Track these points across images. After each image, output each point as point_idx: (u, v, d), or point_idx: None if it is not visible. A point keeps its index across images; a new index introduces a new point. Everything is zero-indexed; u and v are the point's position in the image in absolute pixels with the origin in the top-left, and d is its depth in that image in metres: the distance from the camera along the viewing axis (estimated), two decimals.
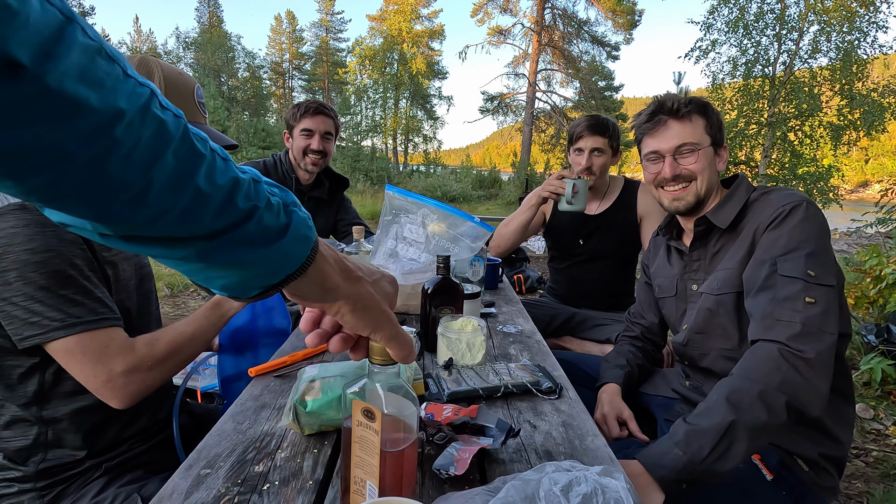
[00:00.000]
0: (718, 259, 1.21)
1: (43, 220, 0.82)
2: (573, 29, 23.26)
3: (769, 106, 10.48)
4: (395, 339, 0.49)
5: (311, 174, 2.04)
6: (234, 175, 0.36)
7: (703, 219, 1.21)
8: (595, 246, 2.09)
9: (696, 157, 1.21)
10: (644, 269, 1.52)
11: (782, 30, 10.29)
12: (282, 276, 0.40)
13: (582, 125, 1.99)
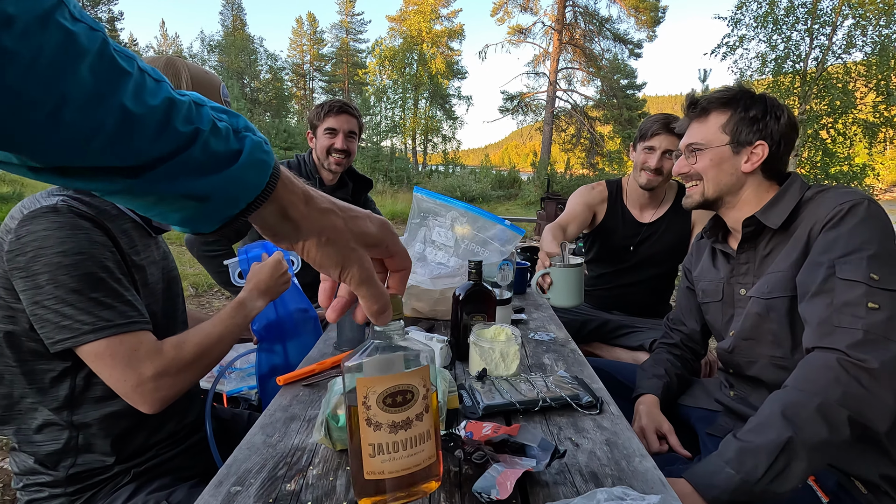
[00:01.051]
0: (769, 261, 1.14)
1: (75, 222, 0.81)
2: (594, 27, 22.94)
3: (800, 103, 10.17)
4: (365, 285, 0.44)
5: (334, 174, 2.02)
6: (169, 96, 0.33)
7: (752, 219, 1.14)
8: (645, 254, 2.00)
9: (699, 157, 1.19)
10: (686, 274, 1.45)
11: (814, 24, 9.97)
12: (241, 206, 0.37)
13: (658, 122, 1.83)
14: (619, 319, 2.03)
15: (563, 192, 14.32)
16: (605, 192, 2.06)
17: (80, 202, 0.86)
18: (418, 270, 1.34)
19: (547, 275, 1.43)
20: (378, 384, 0.50)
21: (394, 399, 0.50)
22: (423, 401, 0.52)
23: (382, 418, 0.50)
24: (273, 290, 1.13)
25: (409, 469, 0.51)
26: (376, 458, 0.50)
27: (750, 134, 1.15)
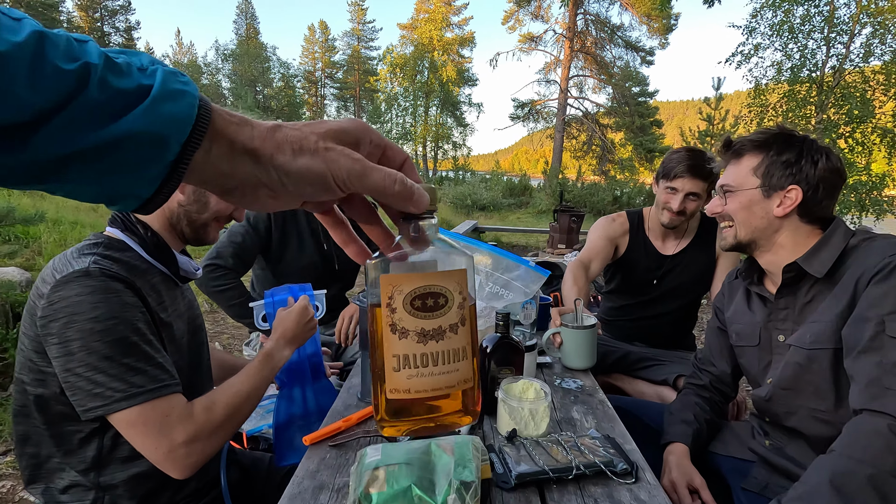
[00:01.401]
0: (811, 309, 1.10)
1: (107, 285, 0.81)
2: (606, 34, 22.89)
3: (817, 112, 10.02)
4: (369, 173, 0.35)
5: None
6: (36, 30, 0.27)
7: (794, 265, 1.11)
8: (668, 286, 1.95)
9: (729, 199, 1.19)
10: (716, 314, 1.42)
11: (831, 32, 9.83)
12: (175, 149, 0.29)
13: (682, 164, 1.75)
14: (642, 351, 1.99)
15: (576, 201, 14.27)
16: (626, 224, 2.02)
17: (112, 260, 0.86)
18: None
19: (558, 333, 1.39)
20: (405, 282, 0.41)
21: (423, 302, 0.41)
22: (458, 310, 0.42)
23: (410, 324, 0.41)
24: (300, 337, 1.12)
25: (439, 390, 0.42)
26: (401, 372, 0.42)
27: (782, 178, 1.12)
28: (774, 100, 10.55)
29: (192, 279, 1.04)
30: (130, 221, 0.94)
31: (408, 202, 0.37)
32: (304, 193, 0.34)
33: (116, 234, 0.93)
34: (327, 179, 0.33)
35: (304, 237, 1.96)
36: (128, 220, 0.94)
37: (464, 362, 0.43)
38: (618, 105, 23.34)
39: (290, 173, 0.33)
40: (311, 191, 0.34)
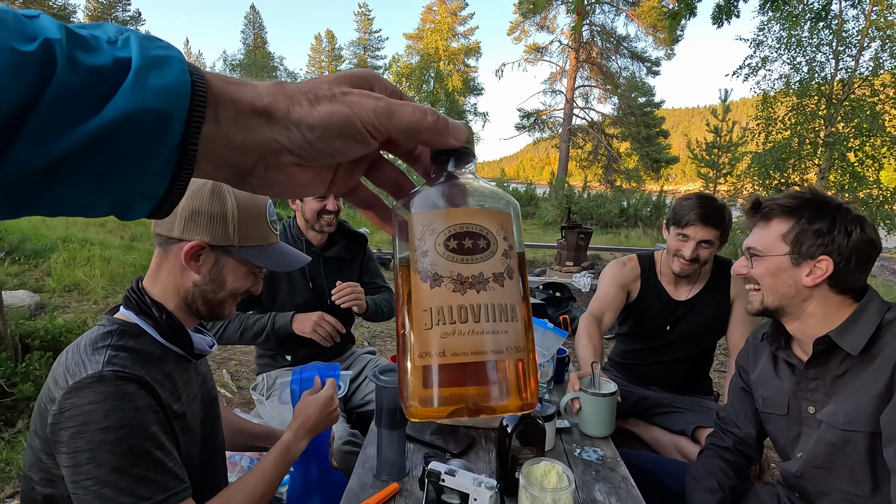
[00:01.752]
0: (843, 384, 1.07)
1: (120, 390, 0.79)
2: (612, 45, 22.93)
3: (826, 125, 9.95)
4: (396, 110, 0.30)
5: (323, 234, 1.99)
6: None
7: (826, 338, 1.07)
8: (682, 332, 1.91)
9: (755, 264, 1.16)
10: (740, 373, 1.38)
11: (840, 46, 9.78)
12: (180, 127, 0.25)
13: (694, 212, 1.72)
14: (658, 396, 1.95)
15: (582, 213, 14.22)
16: (637, 269, 1.98)
17: (126, 352, 0.84)
18: None
19: (576, 399, 1.35)
20: (438, 220, 0.34)
21: (460, 243, 0.33)
22: (503, 258, 0.35)
23: (443, 268, 0.33)
24: (320, 427, 1.10)
25: (481, 354, 0.32)
26: (433, 329, 0.32)
27: (813, 247, 1.09)
28: (782, 112, 10.49)
29: (207, 353, 1.02)
30: (145, 304, 0.92)
31: (444, 134, 0.33)
32: (333, 149, 0.30)
33: (131, 317, 0.91)
34: (355, 123, 0.29)
35: (293, 276, 1.94)
36: (142, 303, 0.92)
37: (513, 324, 0.34)
38: (623, 115, 23.33)
39: (314, 125, 0.28)
40: (340, 143, 0.30)
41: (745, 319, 1.84)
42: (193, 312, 0.97)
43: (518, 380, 0.33)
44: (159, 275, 0.95)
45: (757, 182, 10.71)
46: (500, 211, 0.36)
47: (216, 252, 0.94)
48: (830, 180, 10.14)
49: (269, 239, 1.01)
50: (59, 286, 4.62)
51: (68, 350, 0.86)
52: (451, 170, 0.36)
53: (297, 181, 0.32)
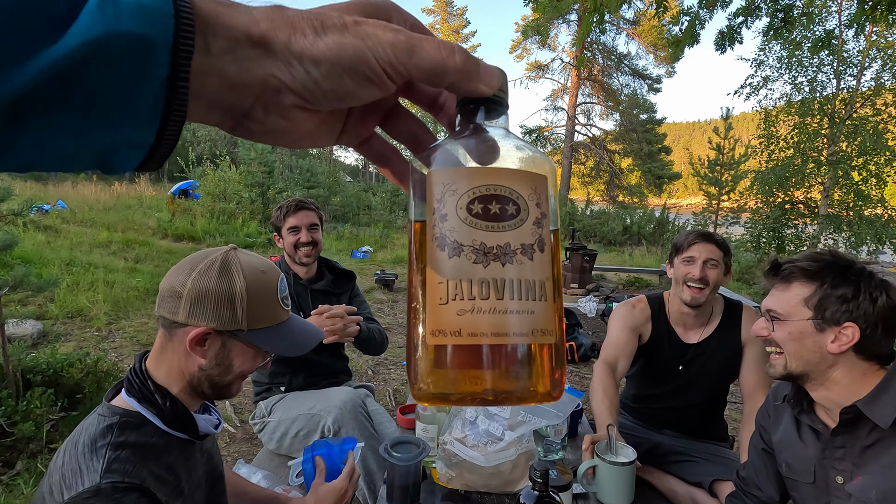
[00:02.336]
0: (873, 456, 1.03)
1: (118, 502, 0.75)
2: (613, 62, 23.14)
3: (829, 144, 9.97)
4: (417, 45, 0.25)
5: (307, 266, 2.08)
6: None
7: (854, 408, 1.04)
8: (694, 375, 1.88)
9: (775, 328, 1.12)
10: (760, 432, 1.34)
11: (840, 66, 9.85)
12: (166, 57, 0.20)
13: (693, 234, 1.79)
14: (672, 443, 1.90)
15: (585, 231, 14.20)
16: (647, 310, 1.94)
17: (128, 449, 0.80)
18: (469, 438, 1.25)
19: (594, 467, 1.31)
20: (461, 179, 0.29)
21: (485, 207, 0.29)
22: (534, 228, 0.30)
23: (464, 235, 0.29)
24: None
25: (503, 336, 0.28)
26: (449, 305, 0.28)
27: (837, 313, 1.06)
28: (784, 131, 10.53)
29: (210, 433, 0.98)
30: (148, 390, 0.88)
31: (474, 78, 0.27)
32: (343, 90, 0.25)
33: (132, 404, 0.87)
34: (368, 59, 0.24)
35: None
36: (145, 389, 0.88)
37: (542, 304, 0.29)
38: (625, 131, 23.44)
39: (319, 59, 0.24)
40: (350, 84, 0.25)
41: (758, 364, 1.80)
42: (199, 395, 0.94)
43: (543, 367, 0.29)
44: (163, 357, 0.91)
45: (761, 199, 10.71)
46: (535, 173, 0.31)
47: (223, 336, 0.90)
48: (835, 198, 10.12)
49: (280, 318, 0.97)
50: (62, 312, 4.60)
51: (66, 449, 0.81)
52: (479, 122, 0.31)
53: (301, 128, 0.27)
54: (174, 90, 0.21)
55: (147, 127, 0.22)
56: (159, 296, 0.91)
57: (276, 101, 0.25)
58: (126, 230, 8.84)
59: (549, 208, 0.31)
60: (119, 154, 0.22)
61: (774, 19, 4.48)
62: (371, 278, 7.03)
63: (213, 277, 0.89)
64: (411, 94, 0.33)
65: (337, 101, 0.26)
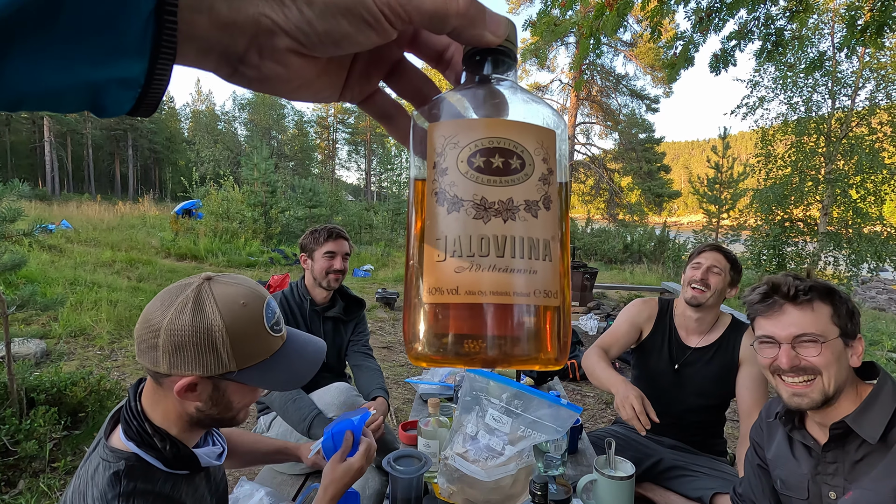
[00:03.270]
0: (863, 471, 1.05)
1: None
2: (611, 83, 23.52)
3: (826, 163, 10.07)
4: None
5: (328, 292, 2.12)
6: None
7: (842, 423, 1.06)
8: (690, 379, 1.93)
9: (820, 350, 1.07)
10: (755, 448, 1.35)
11: (835, 86, 10.01)
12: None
13: (706, 245, 1.94)
14: (673, 458, 1.91)
15: (586, 249, 14.24)
16: (655, 309, 2.04)
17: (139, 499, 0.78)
18: (470, 453, 1.27)
19: (594, 482, 1.33)
20: (463, 131, 0.28)
21: (487, 160, 0.28)
22: (540, 184, 0.28)
23: (465, 190, 0.27)
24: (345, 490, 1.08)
25: (503, 295, 0.27)
26: (447, 262, 0.27)
27: (851, 327, 1.10)
28: (782, 150, 10.64)
29: (216, 463, 0.96)
30: (147, 433, 0.83)
31: (479, 24, 0.26)
32: (339, 34, 0.24)
33: (132, 448, 0.82)
34: (366, 1, 0.23)
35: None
36: (143, 433, 0.83)
37: (545, 263, 0.28)
38: (624, 150, 23.68)
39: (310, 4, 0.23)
40: (347, 26, 0.24)
41: (756, 382, 1.82)
42: (203, 427, 0.91)
43: (546, 330, 0.28)
44: (157, 399, 0.86)
45: (760, 217, 10.77)
46: (542, 127, 0.29)
47: (213, 380, 0.82)
48: (834, 216, 10.18)
49: (273, 347, 0.87)
50: (66, 332, 4.63)
51: (73, 502, 0.78)
52: (486, 73, 0.29)
53: (299, 76, 0.26)
54: (162, 24, 0.20)
55: (135, 62, 0.21)
56: (136, 344, 0.82)
57: (271, 44, 0.24)
58: (129, 249, 8.90)
59: (556, 165, 0.29)
60: (109, 93, 0.22)
61: (767, 42, 4.60)
62: (372, 296, 7.05)
63: (186, 322, 0.79)
64: (416, 47, 0.31)
65: (333, 46, 0.24)
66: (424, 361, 0.28)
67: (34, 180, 31.22)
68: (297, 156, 38.05)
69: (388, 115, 0.33)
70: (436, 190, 0.28)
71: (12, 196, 2.68)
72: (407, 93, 0.33)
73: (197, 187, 13.74)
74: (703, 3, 4.17)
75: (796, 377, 1.09)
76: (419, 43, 0.31)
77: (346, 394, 1.88)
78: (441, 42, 0.31)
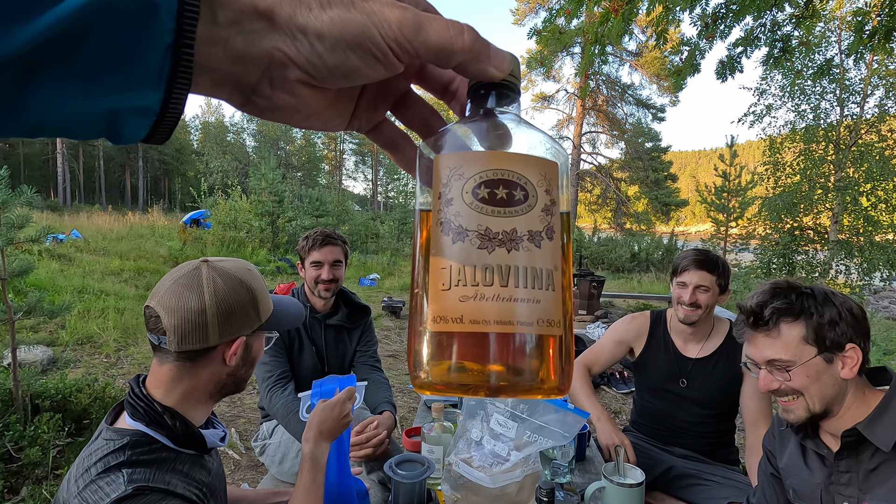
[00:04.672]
0: (877, 478, 1.01)
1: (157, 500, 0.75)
2: (617, 93, 23.56)
3: (835, 170, 9.98)
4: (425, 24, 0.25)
5: (325, 300, 2.05)
6: None
7: (854, 431, 1.02)
8: (697, 391, 1.88)
9: (790, 376, 1.06)
10: (768, 457, 1.31)
11: (843, 94, 9.95)
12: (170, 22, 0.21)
13: (687, 258, 1.86)
14: (684, 466, 1.87)
15: (593, 258, 14.18)
16: (645, 325, 2.00)
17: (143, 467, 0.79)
18: (475, 459, 1.24)
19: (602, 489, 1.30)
20: (468, 163, 0.29)
21: (492, 192, 0.29)
22: (543, 215, 0.29)
23: (469, 220, 0.28)
24: (334, 430, 1.10)
25: (507, 324, 0.27)
26: (452, 291, 0.28)
27: (836, 338, 1.05)
28: (790, 158, 10.57)
29: (219, 445, 0.99)
30: (155, 412, 0.86)
31: (483, 59, 0.27)
32: (348, 67, 0.25)
33: (139, 427, 0.85)
34: (373, 35, 0.24)
35: (302, 339, 2.02)
36: (152, 412, 0.86)
37: (548, 293, 0.29)
38: (631, 160, 23.65)
39: (323, 33, 0.24)
40: (355, 60, 0.24)
41: (759, 393, 1.78)
42: (220, 396, 0.97)
43: (549, 359, 0.28)
44: (180, 384, 0.90)
45: (769, 226, 10.67)
46: (545, 159, 0.30)
47: (250, 337, 0.96)
48: (844, 224, 10.07)
49: (271, 301, 1.03)
50: (73, 339, 4.64)
51: (77, 476, 0.79)
52: (490, 107, 0.31)
53: (309, 106, 0.27)
54: (179, 57, 0.21)
55: (152, 92, 0.22)
56: (175, 336, 0.87)
57: (282, 75, 0.25)
58: (138, 258, 8.96)
59: (558, 196, 0.30)
60: (126, 120, 0.23)
61: (773, 49, 4.58)
62: (378, 305, 7.03)
63: (223, 289, 0.90)
64: (423, 79, 0.33)
65: (342, 78, 0.25)
66: (428, 389, 0.28)
67: (46, 191, 31.69)
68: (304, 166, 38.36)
69: (395, 144, 0.34)
70: (441, 220, 0.29)
71: (20, 203, 2.70)
72: (413, 123, 0.34)
73: (205, 197, 13.86)
74: (708, 8, 4.16)
75: (782, 396, 1.10)
76: (425, 75, 0.32)
77: None
78: (446, 75, 0.32)
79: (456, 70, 0.28)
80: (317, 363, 2.02)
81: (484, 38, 0.27)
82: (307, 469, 1.03)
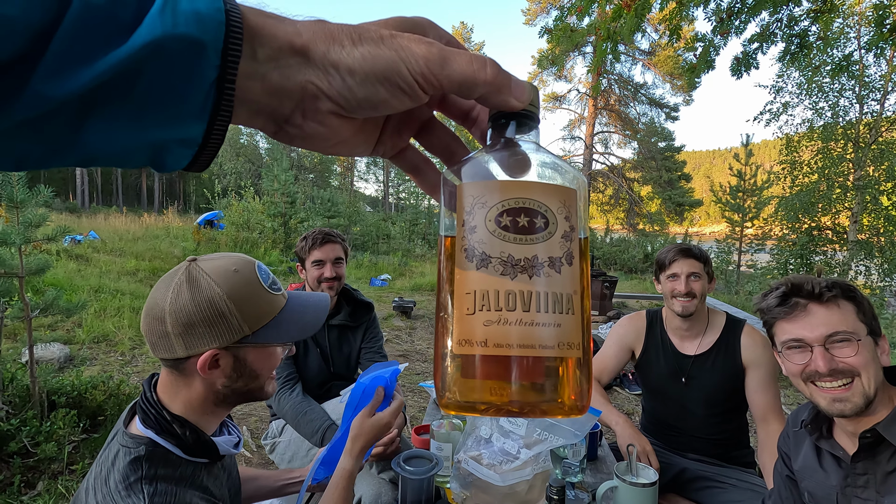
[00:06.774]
0: (895, 481, 0.97)
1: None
2: (630, 92, 23.36)
3: (854, 169, 9.77)
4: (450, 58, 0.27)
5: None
6: None
7: (873, 431, 0.98)
8: (697, 389, 1.84)
9: (856, 349, 1.00)
10: (783, 458, 1.28)
11: (863, 91, 9.74)
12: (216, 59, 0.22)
13: (673, 251, 1.86)
14: (698, 468, 1.83)
15: (605, 259, 14.06)
16: (642, 324, 1.97)
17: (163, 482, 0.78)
18: (484, 456, 1.22)
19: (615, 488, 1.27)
20: (490, 192, 0.30)
21: (514, 220, 0.30)
22: (563, 241, 0.31)
23: (493, 248, 0.30)
24: (372, 444, 1.06)
25: (529, 348, 0.29)
26: (476, 316, 0.29)
27: (877, 325, 1.04)
28: (807, 156, 10.37)
29: (233, 452, 0.96)
30: (165, 420, 0.83)
31: (505, 91, 0.28)
32: (377, 99, 0.26)
33: (150, 435, 0.82)
34: (401, 70, 0.26)
35: (307, 343, 2.03)
36: (162, 420, 0.83)
37: (569, 317, 0.30)
38: (644, 159, 23.42)
39: (354, 69, 0.25)
40: (384, 93, 0.26)
41: (765, 386, 1.74)
42: (230, 404, 0.91)
43: (569, 380, 0.30)
44: (177, 391, 0.87)
45: (786, 226, 10.48)
46: (564, 186, 0.31)
47: (231, 349, 0.85)
48: (864, 224, 9.85)
49: (278, 305, 0.90)
50: (89, 337, 4.72)
51: (96, 487, 0.78)
52: (510, 136, 0.32)
53: (338, 134, 0.29)
54: (222, 91, 0.23)
55: (196, 124, 0.24)
56: (147, 341, 0.85)
57: (315, 107, 0.26)
58: (153, 259, 9.10)
59: (577, 222, 0.32)
60: (171, 151, 0.24)
61: (790, 45, 4.50)
62: (389, 305, 7.04)
63: (186, 299, 0.81)
64: (445, 107, 0.34)
65: (371, 109, 0.27)
66: (454, 409, 0.29)
67: (65, 193, 32.31)
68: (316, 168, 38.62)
69: (418, 168, 0.36)
70: (465, 246, 0.30)
71: (37, 202, 2.75)
72: (436, 149, 0.35)
73: (219, 199, 14.03)
74: (723, 4, 4.10)
75: (834, 381, 1.01)
76: (447, 103, 0.34)
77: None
78: (467, 102, 0.34)
79: (478, 101, 0.29)
80: (322, 364, 2.01)
81: (505, 71, 0.29)
82: (343, 486, 0.97)
